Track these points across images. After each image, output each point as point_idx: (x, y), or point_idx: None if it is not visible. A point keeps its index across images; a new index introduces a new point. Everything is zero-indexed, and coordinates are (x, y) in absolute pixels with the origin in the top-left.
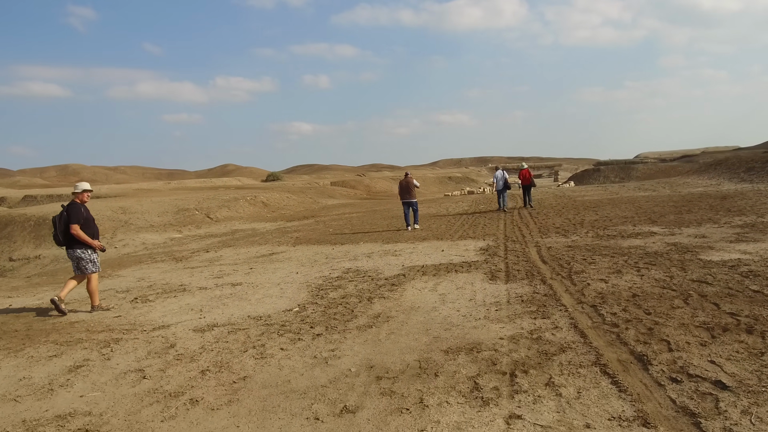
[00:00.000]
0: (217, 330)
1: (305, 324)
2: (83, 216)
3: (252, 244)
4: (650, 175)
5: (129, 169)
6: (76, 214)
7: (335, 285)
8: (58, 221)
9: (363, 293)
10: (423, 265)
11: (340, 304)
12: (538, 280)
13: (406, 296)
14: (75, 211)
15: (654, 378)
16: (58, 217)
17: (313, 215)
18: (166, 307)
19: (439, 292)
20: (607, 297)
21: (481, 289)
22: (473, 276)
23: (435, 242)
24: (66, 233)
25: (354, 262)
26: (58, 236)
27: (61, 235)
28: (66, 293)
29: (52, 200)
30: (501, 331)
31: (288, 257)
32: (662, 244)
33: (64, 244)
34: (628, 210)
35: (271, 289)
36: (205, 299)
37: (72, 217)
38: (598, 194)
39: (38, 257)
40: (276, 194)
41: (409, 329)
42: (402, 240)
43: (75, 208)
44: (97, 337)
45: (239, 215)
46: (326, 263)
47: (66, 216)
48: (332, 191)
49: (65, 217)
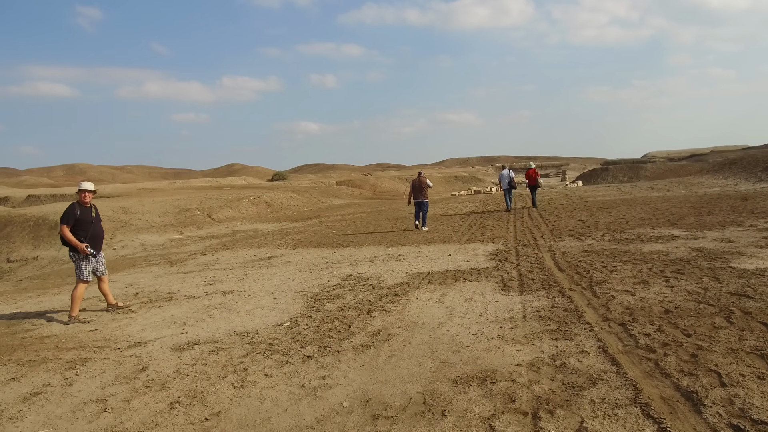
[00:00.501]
0: (197, 349)
1: (296, 343)
2: (74, 217)
3: (251, 247)
4: (659, 175)
5: (135, 168)
6: (66, 215)
7: (333, 295)
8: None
9: (362, 305)
10: (429, 271)
11: (337, 318)
12: (555, 291)
13: (410, 309)
14: (67, 212)
15: (711, 425)
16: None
17: (316, 216)
18: (148, 319)
19: (447, 304)
20: (636, 313)
21: (493, 301)
22: (483, 285)
23: (441, 245)
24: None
25: (355, 267)
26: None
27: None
28: (111, 298)
29: (55, 200)
30: (518, 355)
31: (286, 261)
32: (687, 250)
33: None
34: (644, 211)
35: (263, 298)
36: (191, 310)
37: (62, 217)
38: (610, 194)
39: (36, 258)
40: (280, 194)
41: (412, 351)
42: (407, 243)
43: (68, 208)
44: (64, 356)
45: (242, 215)
46: (326, 269)
47: None
48: (337, 191)
49: None
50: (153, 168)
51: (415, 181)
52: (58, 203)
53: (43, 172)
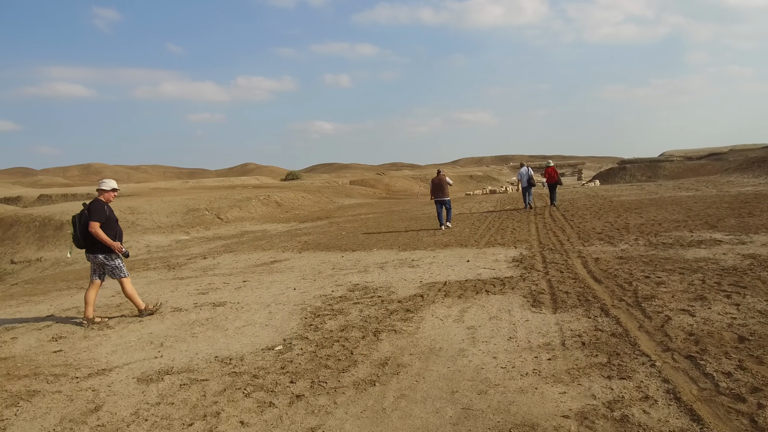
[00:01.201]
0: (167, 381)
1: (285, 374)
2: (105, 214)
3: (255, 249)
4: (679, 174)
5: (150, 168)
6: (97, 212)
7: (336, 309)
8: (78, 221)
9: (369, 323)
10: (445, 281)
11: (338, 340)
12: (596, 309)
13: (424, 329)
14: (97, 209)
15: None
16: (78, 216)
17: (327, 216)
18: (124, 337)
19: (467, 323)
20: (703, 341)
21: (522, 320)
22: (509, 299)
23: (458, 249)
24: (85, 233)
25: (363, 275)
26: (78, 237)
27: (82, 236)
28: (92, 310)
29: (66, 199)
30: (562, 400)
31: (290, 266)
32: (736, 257)
33: (85, 246)
34: (676, 212)
35: (257, 312)
36: (174, 327)
37: (93, 213)
38: (635, 194)
39: (39, 260)
40: (291, 194)
41: (427, 390)
42: (421, 246)
43: (98, 205)
44: (12, 386)
45: (251, 216)
46: (331, 276)
47: (87, 213)
48: (350, 190)
49: (86, 215)
50: (168, 168)
51: (434, 179)
52: (70, 203)
53: (59, 171)
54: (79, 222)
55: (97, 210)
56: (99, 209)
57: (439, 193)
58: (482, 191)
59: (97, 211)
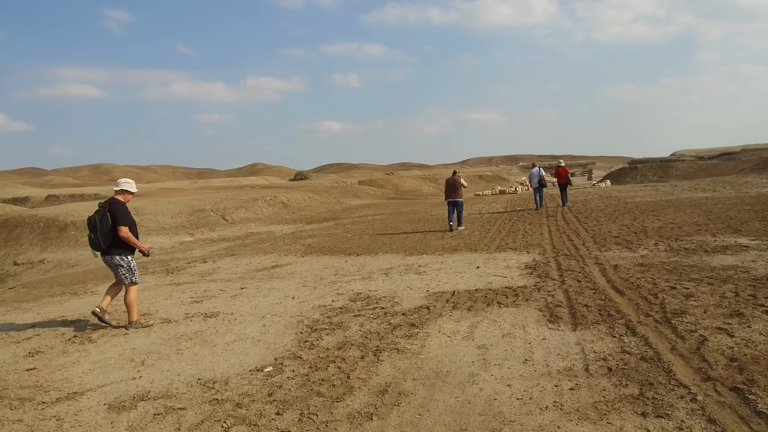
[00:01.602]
0: (140, 409)
1: (272, 404)
2: (130, 217)
3: (257, 253)
4: (691, 174)
5: (160, 168)
6: (124, 215)
7: (335, 323)
8: (98, 222)
9: (369, 340)
10: (453, 290)
11: (334, 361)
12: (621, 326)
13: (430, 348)
14: (123, 212)
15: None
16: (98, 216)
17: (334, 217)
18: (105, 353)
19: (478, 341)
20: (748, 368)
21: (539, 338)
22: (524, 313)
23: (468, 254)
24: (108, 236)
25: (367, 282)
26: (98, 239)
27: (103, 238)
28: (108, 303)
29: (74, 200)
30: None
31: (291, 272)
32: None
33: (104, 248)
34: (695, 214)
35: (250, 325)
36: (160, 341)
37: (120, 218)
38: (649, 195)
39: (42, 261)
40: (297, 194)
41: (431, 427)
42: (428, 250)
43: (123, 208)
44: None
45: (257, 217)
46: (333, 283)
47: (111, 216)
48: (358, 191)
49: (108, 218)
50: (177, 168)
51: (449, 180)
52: (73, 204)
53: (70, 172)
54: (100, 223)
55: (123, 213)
56: (125, 212)
57: (452, 194)
58: (492, 191)
59: (123, 214)
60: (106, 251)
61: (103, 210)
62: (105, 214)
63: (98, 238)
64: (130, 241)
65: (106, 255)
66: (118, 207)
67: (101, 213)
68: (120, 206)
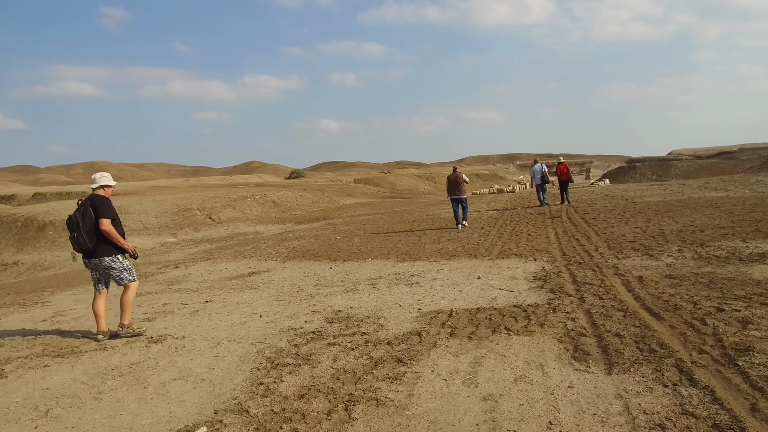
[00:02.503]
0: None
1: None
2: (114, 211)
3: (236, 257)
4: (691, 173)
5: (155, 166)
6: (106, 207)
7: (302, 354)
8: (80, 219)
9: (342, 383)
10: (451, 309)
11: (290, 419)
12: (671, 368)
13: (420, 399)
14: (105, 204)
15: None
16: (79, 214)
17: (325, 216)
18: (8, 395)
19: (483, 388)
20: None
21: (564, 385)
22: (540, 345)
23: (467, 261)
24: (94, 233)
25: (350, 296)
26: (83, 238)
27: (88, 235)
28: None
29: (61, 198)
30: None
31: (268, 281)
32: None
33: (90, 248)
34: (716, 216)
35: (199, 356)
36: (82, 378)
37: (102, 210)
38: (658, 194)
39: (16, 263)
40: (289, 193)
41: None
42: (422, 256)
43: (106, 201)
44: None
45: (244, 216)
46: (311, 297)
47: (93, 211)
48: (352, 189)
49: (91, 213)
50: (172, 166)
51: (450, 176)
52: (55, 202)
53: (63, 169)
54: (83, 220)
55: (105, 206)
56: (107, 205)
57: (456, 191)
58: (489, 190)
59: (106, 207)
60: (92, 252)
61: (84, 206)
62: (87, 209)
63: (82, 237)
64: (112, 237)
65: (93, 257)
66: (101, 201)
67: (82, 209)
68: (103, 200)
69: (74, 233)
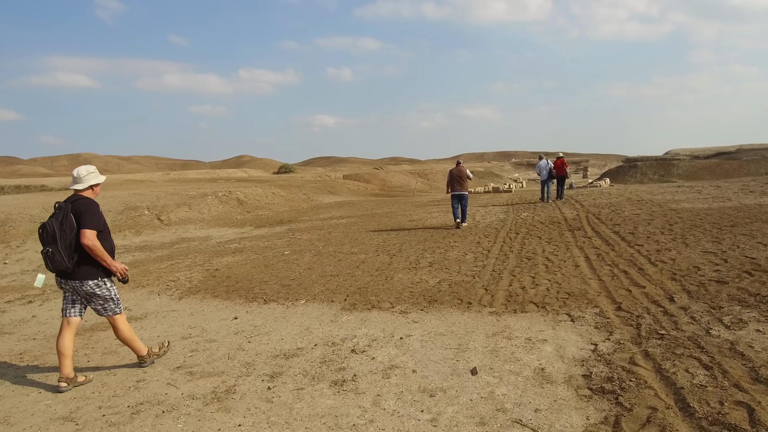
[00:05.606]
0: None
1: None
2: (102, 219)
3: (123, 287)
4: (694, 173)
5: (143, 159)
6: (94, 215)
7: None
8: (57, 229)
9: None
10: None
11: None
12: None
13: None
14: (93, 211)
15: None
16: (56, 222)
17: (292, 219)
18: None
19: None
20: None
21: None
22: None
23: (453, 314)
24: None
25: (208, 425)
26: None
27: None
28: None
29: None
30: None
31: (116, 346)
32: None
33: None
34: None
35: None
36: None
37: (89, 218)
38: (697, 199)
39: None
40: (259, 190)
41: None
42: (385, 297)
43: (92, 205)
44: None
45: (200, 217)
46: (129, 423)
47: (74, 217)
48: (337, 186)
49: (72, 221)
50: (161, 159)
51: (453, 170)
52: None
53: (47, 161)
54: (61, 230)
55: (92, 212)
56: (94, 211)
57: (458, 186)
58: (484, 188)
59: (92, 213)
60: (72, 273)
61: (63, 211)
62: (67, 216)
63: (59, 253)
64: (97, 254)
65: (73, 279)
66: (86, 205)
67: (61, 216)
68: (88, 204)
69: (48, 247)
